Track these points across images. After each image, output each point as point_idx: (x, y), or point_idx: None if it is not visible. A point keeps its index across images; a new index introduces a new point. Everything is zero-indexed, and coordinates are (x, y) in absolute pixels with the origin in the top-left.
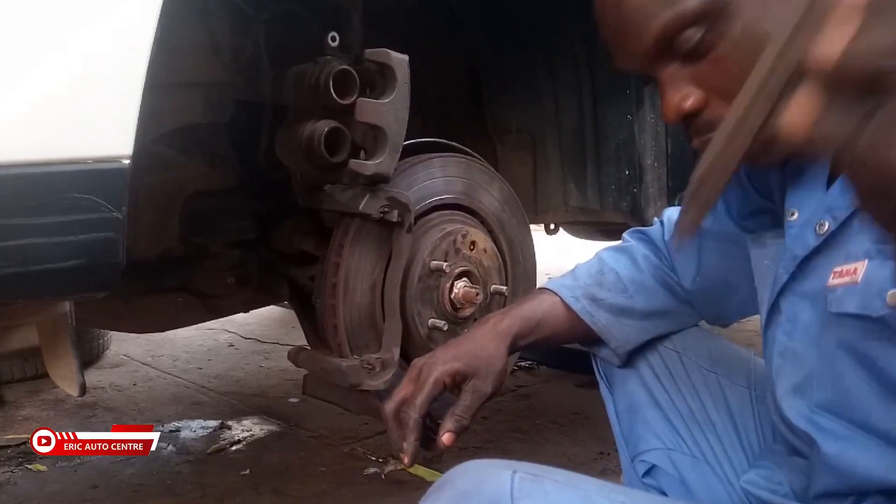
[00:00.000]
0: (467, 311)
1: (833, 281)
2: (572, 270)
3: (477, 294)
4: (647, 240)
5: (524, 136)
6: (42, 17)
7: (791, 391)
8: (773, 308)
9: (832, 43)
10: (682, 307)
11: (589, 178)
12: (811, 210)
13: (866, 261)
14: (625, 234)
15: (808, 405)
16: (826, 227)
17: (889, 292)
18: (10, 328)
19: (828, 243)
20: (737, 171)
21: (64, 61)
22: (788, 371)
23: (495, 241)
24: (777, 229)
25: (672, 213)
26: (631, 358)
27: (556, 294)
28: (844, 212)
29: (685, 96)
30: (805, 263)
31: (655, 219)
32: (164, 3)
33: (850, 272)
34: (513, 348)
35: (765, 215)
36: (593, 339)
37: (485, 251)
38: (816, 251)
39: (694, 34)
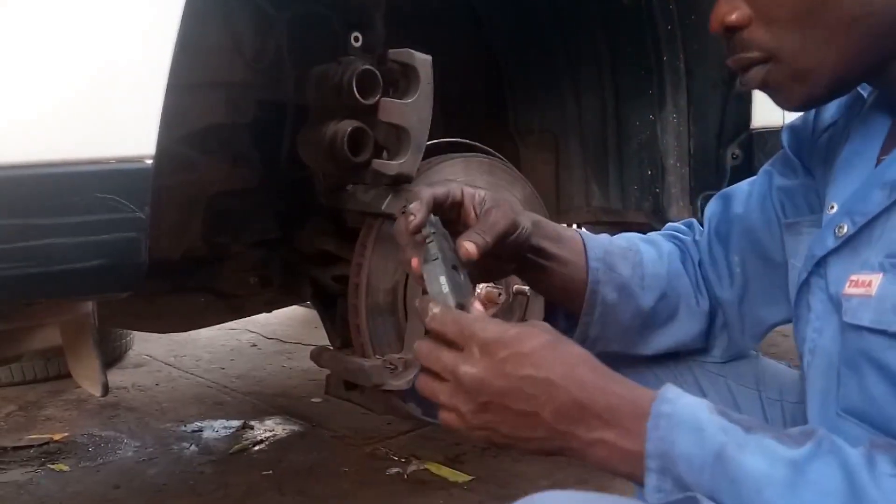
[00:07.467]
0: (489, 312)
1: (849, 290)
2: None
3: (500, 294)
4: (679, 242)
5: (546, 136)
6: (65, 17)
7: (819, 393)
8: (800, 303)
9: None
10: (688, 323)
11: (611, 178)
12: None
13: (881, 274)
14: (654, 234)
15: (833, 409)
16: (844, 230)
17: None
18: (32, 328)
19: (845, 247)
20: None
21: (87, 62)
22: (816, 370)
23: None
24: (813, 216)
25: (713, 208)
26: (641, 362)
27: (582, 240)
28: (863, 217)
29: (732, 8)
30: (823, 263)
31: (691, 220)
32: (186, 3)
33: (866, 283)
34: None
35: (801, 197)
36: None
37: None
38: (833, 253)
39: None
